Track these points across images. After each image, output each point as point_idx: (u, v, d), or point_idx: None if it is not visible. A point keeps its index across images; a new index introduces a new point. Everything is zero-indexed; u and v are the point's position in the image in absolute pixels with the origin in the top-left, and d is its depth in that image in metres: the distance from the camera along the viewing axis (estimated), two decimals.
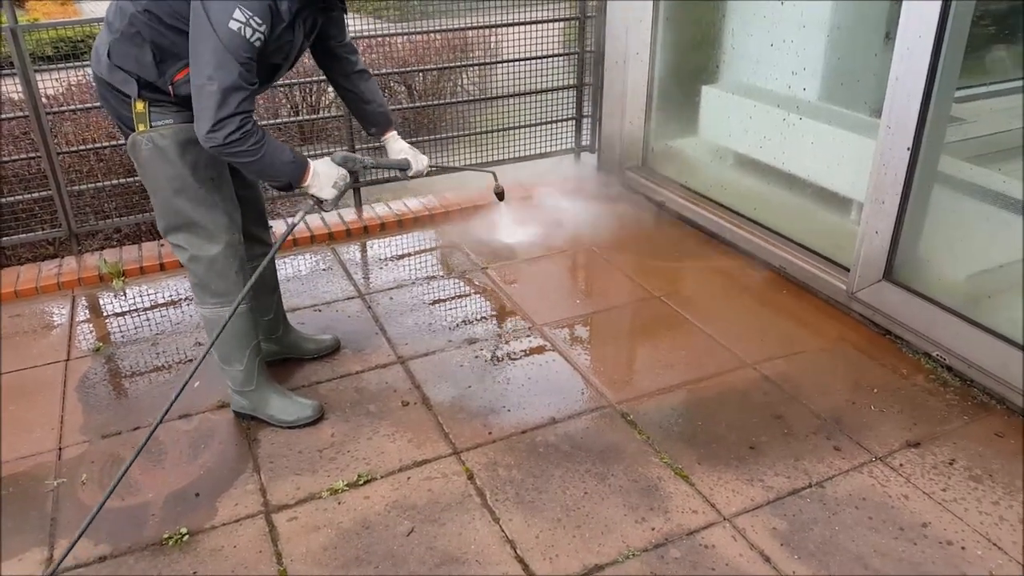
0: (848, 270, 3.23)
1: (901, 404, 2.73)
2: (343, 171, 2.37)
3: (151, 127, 2.24)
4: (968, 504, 2.29)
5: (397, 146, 2.70)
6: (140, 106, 2.22)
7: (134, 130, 2.26)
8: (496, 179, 3.04)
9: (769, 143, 3.71)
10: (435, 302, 3.44)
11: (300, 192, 2.35)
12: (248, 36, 2.02)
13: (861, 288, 3.16)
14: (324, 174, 2.33)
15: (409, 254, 3.93)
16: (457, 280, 3.64)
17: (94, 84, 2.33)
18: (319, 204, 2.37)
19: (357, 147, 4.18)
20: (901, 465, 2.44)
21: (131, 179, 3.94)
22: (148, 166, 2.30)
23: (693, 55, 4.12)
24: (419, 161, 2.66)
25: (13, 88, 3.54)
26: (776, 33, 3.56)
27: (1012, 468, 2.42)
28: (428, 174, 2.74)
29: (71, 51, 4.14)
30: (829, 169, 3.45)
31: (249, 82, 2.08)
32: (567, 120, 4.73)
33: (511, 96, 4.51)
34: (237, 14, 1.99)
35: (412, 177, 2.68)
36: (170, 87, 2.18)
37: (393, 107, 4.76)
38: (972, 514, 2.25)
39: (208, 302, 2.49)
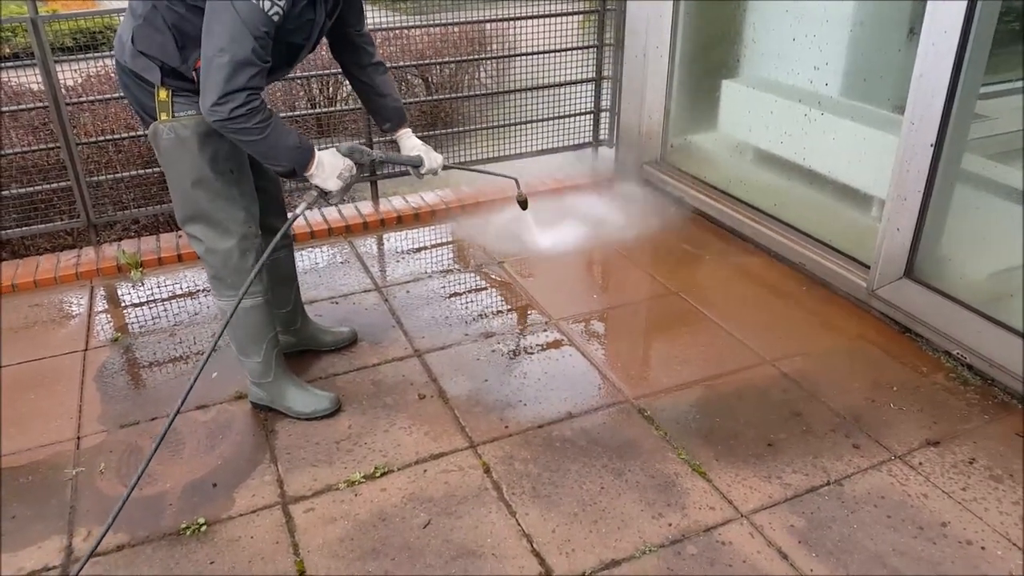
0: (869, 267, 3.20)
1: (921, 402, 2.70)
2: (349, 162, 2.31)
3: (174, 117, 2.24)
4: (988, 504, 2.27)
5: (410, 143, 2.65)
6: (163, 94, 2.21)
7: (156, 119, 2.25)
8: (519, 186, 2.98)
9: (790, 138, 3.68)
10: (451, 296, 3.43)
11: (304, 183, 2.30)
12: (267, 9, 1.99)
13: (882, 285, 3.14)
14: (329, 164, 2.28)
15: (426, 247, 3.92)
16: (473, 274, 3.63)
17: (116, 73, 2.33)
18: (324, 196, 2.32)
19: (374, 140, 4.18)
20: (920, 464, 2.42)
21: (149, 170, 3.96)
22: (168, 155, 2.30)
23: (714, 49, 4.09)
24: (432, 159, 2.60)
25: (33, 79, 3.56)
26: (798, 28, 3.53)
27: None
28: (444, 170, 2.68)
29: (90, 42, 4.15)
30: (851, 165, 3.42)
31: (262, 59, 2.04)
32: (585, 114, 4.71)
33: (529, 89, 4.49)
34: None
35: (424, 175, 2.62)
36: (193, 73, 2.17)
37: (410, 100, 4.76)
38: (992, 514, 2.23)
39: (225, 295, 2.49)
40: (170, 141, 2.26)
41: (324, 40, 2.46)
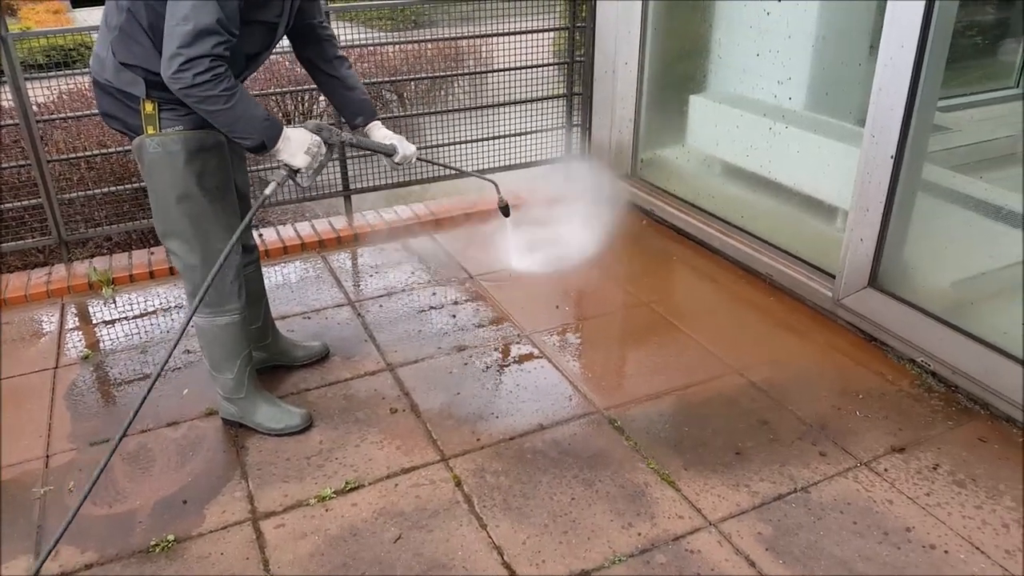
0: (834, 277, 3.26)
1: (886, 410, 2.75)
2: (317, 139, 2.27)
3: (161, 132, 2.22)
4: (951, 508, 2.31)
5: (382, 133, 2.62)
6: (149, 107, 2.19)
7: (141, 134, 2.23)
8: (499, 191, 2.96)
9: (756, 152, 3.75)
10: (425, 309, 3.45)
11: (271, 161, 2.27)
12: None
13: (847, 295, 3.19)
14: (295, 139, 2.23)
15: (399, 262, 3.93)
16: (447, 288, 3.65)
17: (95, 94, 2.28)
18: (293, 175, 2.28)
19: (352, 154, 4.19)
20: (886, 470, 2.46)
21: (121, 187, 3.95)
22: (153, 170, 2.27)
23: (681, 65, 4.15)
24: (406, 148, 2.58)
25: (4, 96, 3.55)
26: (762, 43, 3.60)
27: (995, 472, 2.44)
28: (416, 161, 2.65)
29: (63, 59, 4.14)
30: (815, 177, 3.48)
31: (227, 29, 2.01)
32: (557, 129, 4.76)
33: (502, 105, 4.53)
34: None
35: (399, 164, 2.59)
36: None
37: (385, 116, 4.79)
38: (955, 518, 2.27)
39: (201, 311, 2.48)
40: (157, 155, 2.24)
41: (297, 12, 2.40)
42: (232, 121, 2.10)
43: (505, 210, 3.09)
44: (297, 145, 2.24)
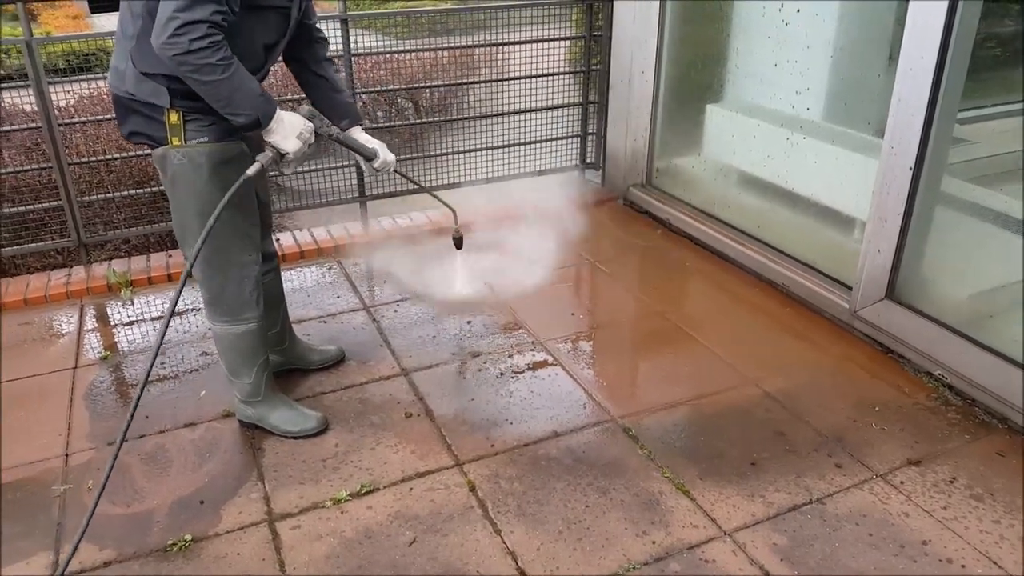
0: (851, 289, 3.25)
1: (903, 422, 2.73)
2: (309, 125, 2.25)
3: (186, 144, 2.21)
4: (969, 522, 2.29)
5: (363, 137, 2.60)
6: (174, 117, 2.17)
7: (165, 144, 2.22)
8: (456, 220, 2.98)
9: (773, 162, 3.74)
10: (439, 315, 3.46)
11: (260, 141, 2.23)
12: None
13: (864, 307, 3.18)
14: (289, 122, 2.20)
15: (414, 268, 3.94)
16: (461, 294, 3.65)
17: (115, 108, 2.27)
18: (280, 159, 2.23)
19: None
20: (902, 483, 2.45)
21: (140, 190, 4.00)
22: (176, 181, 2.27)
23: (698, 74, 4.16)
24: (387, 154, 2.59)
25: (26, 99, 3.59)
26: (780, 53, 3.60)
27: (1013, 487, 2.42)
28: (392, 172, 2.68)
29: (83, 64, 4.19)
30: (832, 188, 3.48)
31: (227, 1, 1.97)
32: (572, 137, 4.77)
33: (517, 113, 4.55)
34: None
35: (377, 170, 2.59)
36: None
37: (400, 123, 4.82)
38: (972, 532, 2.26)
39: (219, 320, 2.50)
40: (181, 167, 2.24)
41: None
42: (229, 93, 2.04)
43: (458, 242, 3.08)
44: (290, 128, 2.21)
